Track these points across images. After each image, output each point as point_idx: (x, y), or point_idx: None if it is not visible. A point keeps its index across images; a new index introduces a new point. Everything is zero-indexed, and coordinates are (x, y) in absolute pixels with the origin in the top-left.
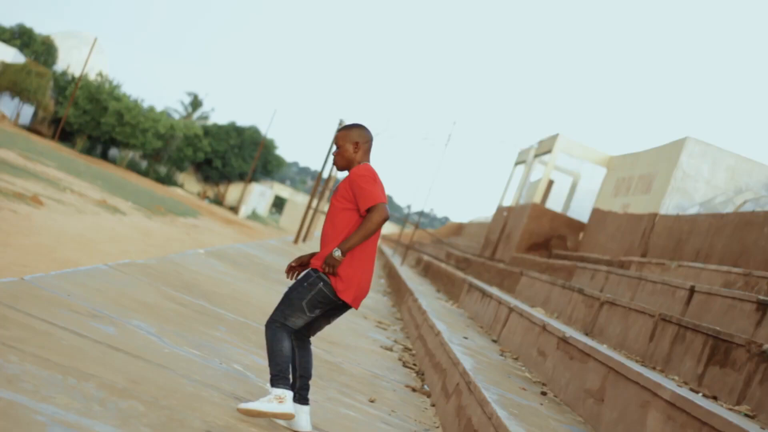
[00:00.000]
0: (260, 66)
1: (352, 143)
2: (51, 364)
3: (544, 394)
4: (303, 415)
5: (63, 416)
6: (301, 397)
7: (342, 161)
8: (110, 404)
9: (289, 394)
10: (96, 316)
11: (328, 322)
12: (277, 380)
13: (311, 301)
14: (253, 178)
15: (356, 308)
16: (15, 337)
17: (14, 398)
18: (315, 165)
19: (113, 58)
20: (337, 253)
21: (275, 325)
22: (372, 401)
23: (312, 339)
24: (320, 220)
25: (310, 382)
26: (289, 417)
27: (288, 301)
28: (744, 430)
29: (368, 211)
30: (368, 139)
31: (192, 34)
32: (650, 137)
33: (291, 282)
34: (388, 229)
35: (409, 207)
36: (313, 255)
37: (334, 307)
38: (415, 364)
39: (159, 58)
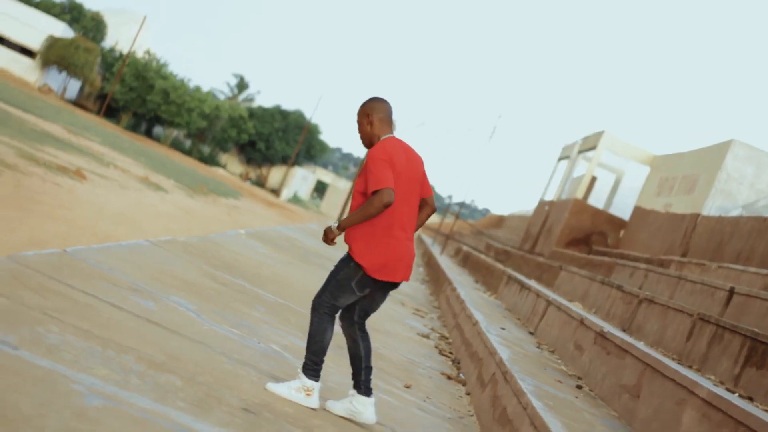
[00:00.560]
0: (307, 51)
1: (364, 116)
2: (91, 335)
3: (579, 387)
4: (369, 407)
5: (101, 387)
6: (367, 389)
7: (363, 137)
8: (148, 378)
9: (317, 387)
10: (136, 291)
11: (383, 299)
12: (308, 370)
13: (360, 282)
14: (296, 162)
15: (406, 280)
16: (56, 308)
17: (54, 367)
18: (358, 152)
19: (160, 37)
20: (333, 225)
21: (324, 309)
22: (408, 387)
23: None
24: None
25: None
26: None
27: (337, 282)
28: None
29: (373, 194)
30: (381, 109)
31: (240, 17)
32: (695, 138)
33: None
34: (431, 218)
35: (450, 197)
36: None
37: (383, 286)
38: (451, 353)
39: (206, 39)
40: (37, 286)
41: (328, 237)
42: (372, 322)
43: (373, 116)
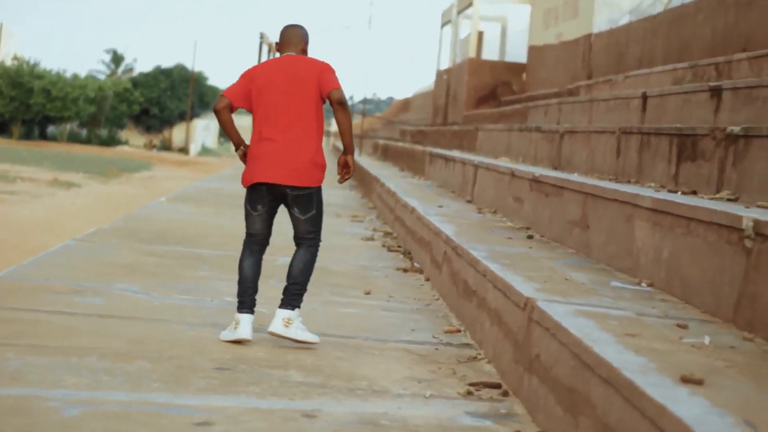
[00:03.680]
0: (169, 3)
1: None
2: (49, 349)
3: (530, 237)
4: (274, 319)
5: (76, 395)
6: (281, 302)
7: None
8: (117, 371)
9: (243, 318)
10: (80, 292)
11: (297, 218)
12: (237, 305)
13: (248, 200)
14: (194, 115)
15: (278, 182)
16: (7, 335)
17: (23, 392)
18: None
19: (25, 38)
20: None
21: (244, 241)
22: (368, 293)
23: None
24: None
25: (300, 289)
26: (243, 341)
27: None
28: (730, 213)
29: None
30: (281, 35)
31: None
32: None
33: None
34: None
35: (351, 97)
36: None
37: (275, 199)
38: (399, 246)
39: (69, 24)
40: None
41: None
42: None
43: (279, 43)
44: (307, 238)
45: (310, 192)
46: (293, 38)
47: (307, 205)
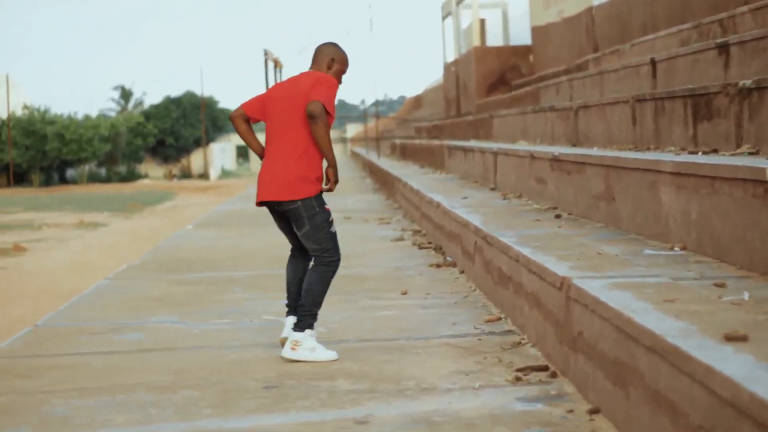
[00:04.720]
0: (170, 32)
1: None
2: (94, 390)
3: (558, 217)
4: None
5: None
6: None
7: None
8: (165, 403)
9: (286, 320)
10: (117, 329)
11: (297, 234)
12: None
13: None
14: (209, 140)
15: (270, 198)
16: (50, 382)
17: None
18: None
19: (31, 86)
20: None
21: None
22: (404, 293)
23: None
24: None
25: (306, 311)
26: (282, 341)
27: None
28: (752, 167)
29: None
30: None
31: (93, 28)
32: None
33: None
34: (354, 130)
35: (363, 101)
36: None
37: (281, 215)
38: (429, 243)
39: (73, 67)
40: (24, 371)
41: None
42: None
43: None
44: (315, 256)
45: (297, 206)
46: (318, 55)
47: (298, 221)
